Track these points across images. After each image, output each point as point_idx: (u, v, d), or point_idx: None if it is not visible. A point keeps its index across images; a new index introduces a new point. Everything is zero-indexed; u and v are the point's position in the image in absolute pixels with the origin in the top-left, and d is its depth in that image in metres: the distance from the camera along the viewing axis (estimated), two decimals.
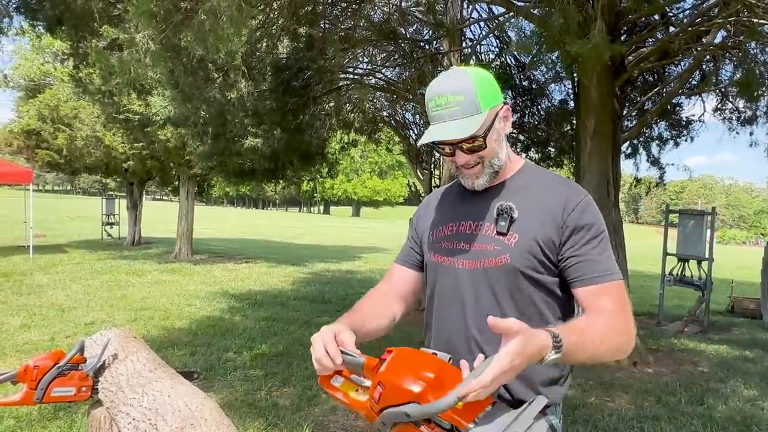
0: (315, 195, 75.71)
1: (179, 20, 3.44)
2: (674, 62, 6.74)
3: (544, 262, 1.20)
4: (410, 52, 6.75)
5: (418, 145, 1.82)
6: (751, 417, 4.05)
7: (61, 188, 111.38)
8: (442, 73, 1.26)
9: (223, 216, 43.00)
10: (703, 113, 7.95)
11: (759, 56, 5.56)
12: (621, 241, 5.59)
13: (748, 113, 7.42)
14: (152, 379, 1.32)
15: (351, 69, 7.51)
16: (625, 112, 6.70)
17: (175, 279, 9.80)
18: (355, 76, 7.51)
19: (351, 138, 10.45)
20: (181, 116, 6.41)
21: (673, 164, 10.05)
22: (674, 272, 7.84)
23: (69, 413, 3.54)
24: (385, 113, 9.85)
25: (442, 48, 6.69)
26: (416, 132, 9.82)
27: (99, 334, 1.66)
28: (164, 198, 71.77)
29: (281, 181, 10.59)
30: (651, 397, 4.44)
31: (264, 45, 5.81)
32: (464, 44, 6.74)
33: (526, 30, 4.62)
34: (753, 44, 5.32)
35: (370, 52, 7.49)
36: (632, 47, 5.82)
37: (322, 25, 5.92)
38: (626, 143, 7.52)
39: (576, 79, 5.95)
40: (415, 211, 1.55)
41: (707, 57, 6.36)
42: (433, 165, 9.72)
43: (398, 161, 62.09)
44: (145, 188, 16.36)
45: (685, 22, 5.54)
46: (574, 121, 6.93)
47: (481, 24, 7.50)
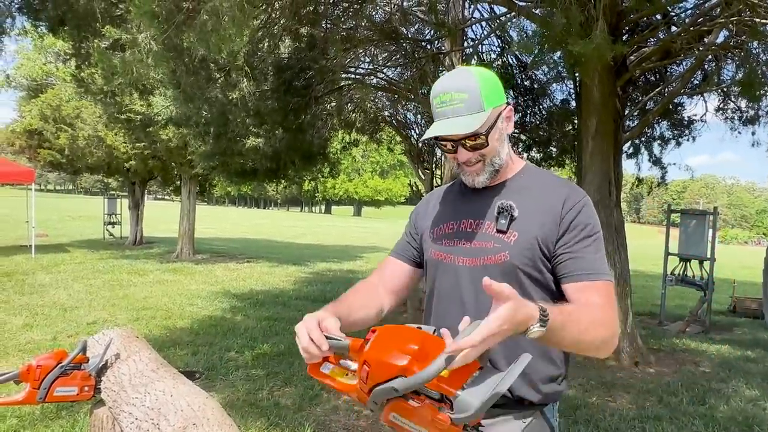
0: (316, 195, 75.80)
1: (181, 20, 3.44)
2: (676, 62, 6.72)
3: (543, 261, 1.21)
4: (412, 52, 6.74)
5: (422, 139, 1.83)
6: (753, 417, 4.04)
7: (62, 188, 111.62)
8: (446, 72, 1.27)
9: (224, 215, 43.04)
10: (705, 113, 7.92)
11: (761, 56, 5.55)
12: (623, 241, 5.58)
13: (750, 113, 7.41)
14: (155, 378, 1.32)
15: (352, 69, 7.50)
16: (626, 111, 6.69)
17: (177, 278, 9.82)
18: (357, 76, 7.51)
19: (352, 138, 10.43)
20: (183, 116, 6.41)
21: (674, 164, 10.11)
22: (676, 272, 7.84)
23: (71, 413, 3.55)
24: (386, 113, 9.83)
25: (443, 48, 6.68)
26: (418, 132, 9.80)
27: (101, 333, 1.66)
28: (166, 198, 71.83)
29: (283, 181, 10.60)
30: (653, 397, 4.44)
31: (266, 45, 5.81)
32: (466, 44, 6.72)
33: (528, 30, 4.60)
34: (755, 44, 5.30)
35: (372, 52, 7.48)
36: (634, 47, 5.81)
37: (323, 25, 5.91)
38: (628, 143, 7.50)
39: (578, 79, 5.95)
40: (415, 207, 1.55)
41: (709, 57, 6.35)
42: (434, 165, 9.70)
43: (399, 161, 62.10)
44: (146, 188, 16.39)
45: (687, 21, 5.53)
46: (576, 121, 6.93)
47: (483, 24, 7.49)
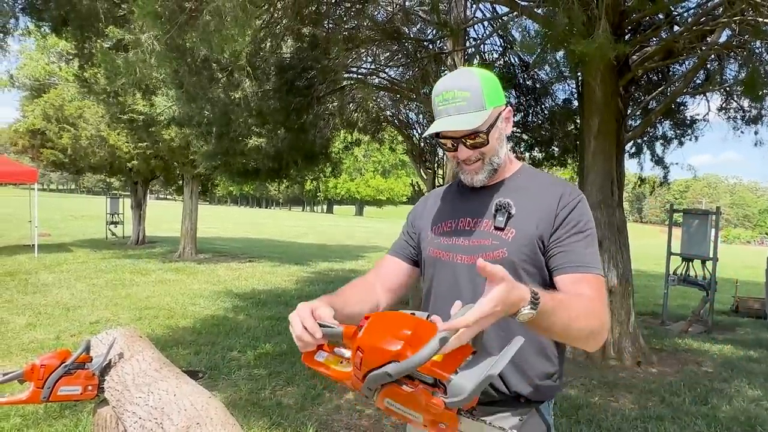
0: (318, 194, 75.84)
1: (184, 21, 3.45)
2: (679, 61, 6.71)
3: (540, 257, 1.23)
4: (414, 52, 6.73)
5: (424, 135, 1.84)
6: (756, 417, 4.04)
7: (65, 187, 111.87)
8: (449, 72, 1.28)
9: (226, 215, 43.08)
10: (707, 112, 7.91)
11: (764, 55, 5.54)
12: (625, 241, 5.58)
13: (753, 112, 7.40)
14: (158, 378, 1.33)
15: (354, 69, 7.50)
16: (629, 111, 6.69)
17: (179, 278, 9.84)
18: (359, 76, 7.51)
19: (354, 137, 10.45)
20: (186, 116, 6.43)
21: (677, 163, 10.16)
22: (678, 272, 7.82)
23: (75, 412, 3.56)
24: (388, 113, 9.84)
25: (445, 47, 6.68)
26: (419, 131, 9.80)
27: (105, 333, 1.66)
28: (168, 197, 71.86)
29: (285, 181, 10.59)
30: (655, 397, 4.44)
31: (268, 45, 5.82)
32: (468, 44, 6.72)
33: (530, 29, 4.60)
34: (758, 43, 5.30)
35: (374, 52, 7.47)
36: (636, 46, 5.80)
37: (325, 25, 5.92)
38: (630, 142, 7.49)
39: (580, 79, 5.94)
40: (413, 206, 1.57)
41: (712, 56, 6.35)
42: (436, 164, 9.71)
43: (401, 160, 62.16)
44: (149, 187, 16.43)
45: (689, 21, 5.52)
46: (578, 121, 6.91)
47: (485, 23, 7.48)
